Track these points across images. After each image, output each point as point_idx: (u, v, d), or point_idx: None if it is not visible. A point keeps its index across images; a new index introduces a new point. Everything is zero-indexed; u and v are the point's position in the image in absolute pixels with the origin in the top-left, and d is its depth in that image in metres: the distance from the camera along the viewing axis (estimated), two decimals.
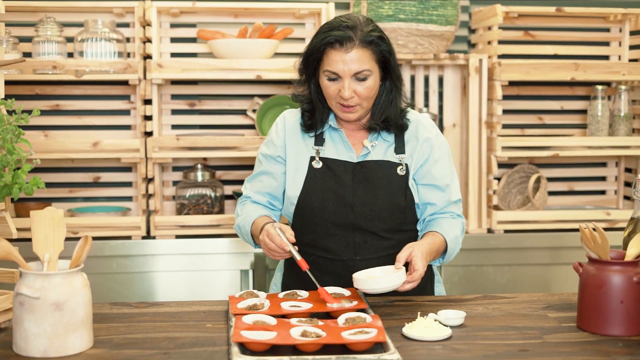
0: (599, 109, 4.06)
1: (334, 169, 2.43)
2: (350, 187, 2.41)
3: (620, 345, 1.98)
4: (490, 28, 3.94)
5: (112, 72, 3.67)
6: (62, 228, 1.94)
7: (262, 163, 2.53)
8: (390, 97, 2.46)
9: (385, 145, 2.48)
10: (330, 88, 2.37)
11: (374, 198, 2.40)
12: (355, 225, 2.40)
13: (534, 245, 3.87)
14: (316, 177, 2.43)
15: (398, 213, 2.43)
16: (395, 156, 2.46)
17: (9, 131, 1.98)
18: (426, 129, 2.52)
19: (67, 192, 4.05)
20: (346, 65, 2.32)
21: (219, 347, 1.93)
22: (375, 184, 2.41)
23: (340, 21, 2.35)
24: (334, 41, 2.32)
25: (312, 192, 2.42)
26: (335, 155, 2.46)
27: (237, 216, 2.54)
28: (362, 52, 2.33)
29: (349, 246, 2.39)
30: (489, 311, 2.28)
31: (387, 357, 1.80)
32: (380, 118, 2.45)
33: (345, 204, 2.40)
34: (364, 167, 2.43)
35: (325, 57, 2.35)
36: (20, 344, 1.85)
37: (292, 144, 2.49)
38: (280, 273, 2.65)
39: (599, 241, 2.11)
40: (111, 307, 2.29)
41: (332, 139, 2.48)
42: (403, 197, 2.43)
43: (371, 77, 2.36)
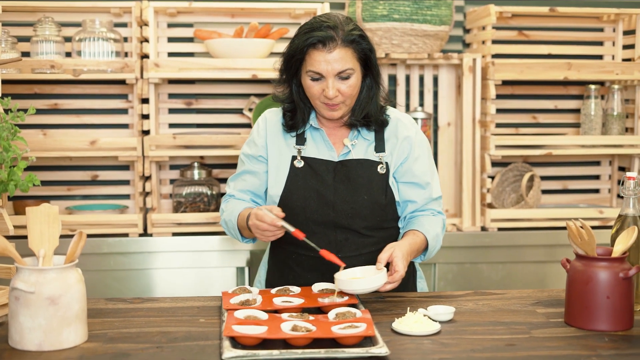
0: (592, 108, 4.09)
1: (315, 168, 2.46)
2: (332, 185, 2.44)
3: (606, 340, 2.01)
4: (484, 28, 3.98)
5: (109, 71, 3.70)
6: (57, 224, 1.98)
7: (245, 163, 2.56)
8: (370, 93, 2.49)
9: (365, 143, 2.51)
10: (313, 88, 2.40)
11: (355, 196, 2.43)
12: (336, 224, 2.43)
13: (527, 243, 3.91)
14: (298, 176, 2.46)
15: (379, 211, 2.46)
16: (375, 154, 2.49)
17: (5, 129, 2.01)
18: (406, 127, 2.56)
19: (66, 190, 4.08)
20: (329, 65, 2.35)
21: (211, 341, 1.96)
22: (356, 182, 2.44)
23: (320, 21, 2.38)
24: (317, 42, 2.34)
25: (294, 191, 2.45)
26: (316, 154, 2.49)
27: (222, 213, 2.57)
28: (344, 52, 2.36)
29: (331, 244, 2.42)
30: (478, 307, 2.31)
31: (375, 350, 1.83)
32: (361, 114, 2.48)
33: (326, 203, 2.43)
34: (344, 166, 2.46)
35: (308, 57, 2.37)
36: (16, 337, 1.89)
37: (274, 144, 2.52)
38: (264, 270, 2.67)
39: (585, 238, 2.14)
40: (106, 303, 2.32)
41: (313, 139, 2.52)
42: (384, 195, 2.46)
43: (354, 75, 2.40)
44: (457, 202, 4.09)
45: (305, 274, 2.46)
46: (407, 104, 4.21)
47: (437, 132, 4.16)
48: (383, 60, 3.94)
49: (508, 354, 1.90)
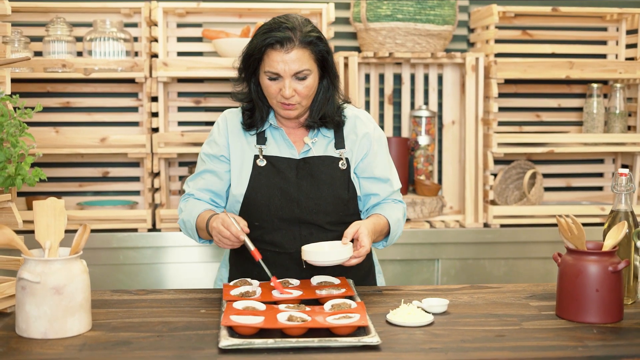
0: (594, 106, 4.13)
1: (277, 166, 2.49)
2: (295, 182, 2.48)
3: (594, 332, 2.05)
4: (487, 27, 4.02)
5: (119, 70, 3.78)
6: (63, 217, 2.04)
7: (205, 162, 2.57)
8: (327, 95, 2.53)
9: (325, 141, 2.55)
10: (271, 87, 2.43)
11: (318, 192, 2.48)
12: (300, 219, 2.47)
13: (529, 240, 3.95)
14: (261, 175, 2.48)
15: (341, 206, 2.51)
16: (335, 151, 2.54)
17: (13, 125, 2.08)
18: (364, 124, 2.60)
19: (77, 186, 4.16)
20: (287, 65, 2.38)
21: (210, 330, 2.02)
22: (318, 179, 2.48)
23: (279, 22, 2.40)
24: (275, 42, 2.37)
25: (257, 189, 2.47)
26: (277, 152, 2.52)
27: (181, 212, 2.56)
28: (301, 53, 2.39)
29: (295, 239, 2.46)
30: (473, 300, 2.35)
31: (367, 340, 1.89)
32: (317, 115, 2.52)
33: (291, 199, 2.47)
34: (307, 163, 2.50)
35: (265, 57, 2.40)
36: (22, 325, 1.96)
37: (235, 143, 2.54)
38: (225, 269, 2.69)
39: (575, 232, 2.18)
40: (111, 294, 2.38)
41: (273, 137, 2.54)
42: (346, 191, 2.51)
43: (310, 76, 2.43)
44: (461, 199, 4.14)
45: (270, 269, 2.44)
46: (412, 102, 4.26)
47: (442, 130, 4.21)
48: (387, 59, 3.99)
49: (497, 344, 1.94)
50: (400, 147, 4.05)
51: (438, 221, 4.01)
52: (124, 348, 1.89)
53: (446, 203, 4.16)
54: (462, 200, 4.11)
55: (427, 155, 4.15)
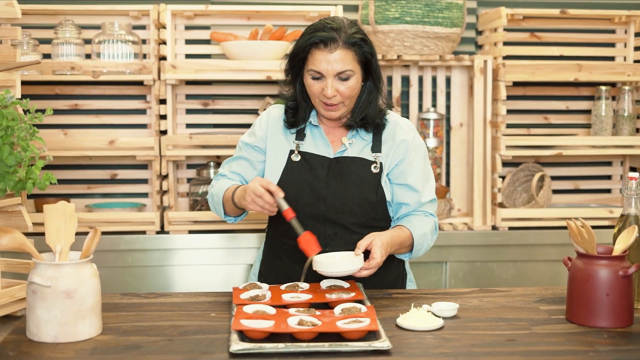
0: (602, 109, 4.12)
1: (311, 162, 2.53)
2: (324, 180, 2.50)
3: (604, 337, 2.05)
4: (495, 30, 4.02)
5: (128, 72, 3.79)
6: (74, 221, 2.05)
7: (242, 149, 2.64)
8: (370, 97, 2.55)
9: (363, 143, 2.57)
10: (314, 87, 2.47)
11: (345, 192, 2.49)
12: (326, 218, 2.49)
13: (538, 242, 3.95)
14: (293, 170, 2.53)
15: (368, 208, 2.52)
16: (371, 154, 2.55)
17: (23, 129, 2.08)
18: (403, 130, 2.61)
19: (86, 188, 4.17)
20: (329, 65, 2.42)
21: (220, 334, 2.03)
22: (348, 179, 2.50)
23: (325, 23, 2.45)
24: (319, 42, 2.42)
25: (288, 183, 2.51)
26: (313, 150, 2.56)
27: (212, 187, 2.64)
28: (345, 53, 2.43)
29: (320, 237, 2.45)
30: (482, 303, 2.35)
31: (377, 344, 1.89)
32: (359, 116, 2.54)
33: (318, 197, 2.49)
34: (339, 163, 2.52)
35: (310, 56, 2.45)
36: (33, 329, 1.96)
37: (274, 137, 2.60)
38: (258, 263, 2.75)
39: (585, 236, 2.18)
40: (121, 297, 2.39)
41: (312, 135, 2.59)
42: (374, 194, 2.52)
43: (353, 77, 2.46)
44: (469, 202, 4.14)
45: (293, 265, 2.51)
46: (420, 105, 4.26)
47: (450, 133, 4.21)
48: (395, 62, 3.99)
49: (507, 349, 1.94)
50: None
51: (446, 224, 4.00)
52: (134, 352, 1.89)
53: (454, 206, 4.16)
54: (470, 203, 4.11)
55: (435, 157, 4.15)
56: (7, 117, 2.04)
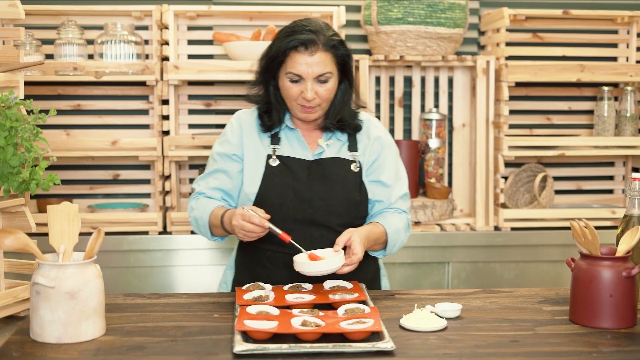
0: (605, 109, 4.12)
1: (290, 166, 2.50)
2: (307, 183, 2.49)
3: (608, 337, 2.05)
4: (498, 30, 4.02)
5: (130, 73, 3.79)
6: (77, 222, 2.05)
7: (217, 161, 2.58)
8: (345, 98, 2.56)
9: (339, 144, 2.58)
10: (292, 90, 2.45)
11: (330, 193, 2.49)
12: (312, 220, 2.48)
13: (540, 243, 3.95)
14: (274, 174, 2.49)
15: (353, 208, 2.53)
16: (349, 154, 2.56)
17: (27, 130, 2.08)
18: (377, 127, 2.64)
19: (88, 189, 4.17)
20: (310, 68, 2.40)
21: (224, 335, 2.03)
22: (331, 180, 2.50)
23: (302, 25, 2.44)
24: (299, 44, 2.40)
25: (270, 188, 2.48)
26: (291, 153, 2.53)
27: (192, 210, 2.56)
28: (324, 56, 2.42)
29: (306, 240, 2.44)
30: (486, 304, 2.35)
31: (381, 345, 1.89)
32: (335, 118, 2.54)
33: (303, 200, 2.48)
34: (319, 165, 2.52)
35: (288, 59, 2.42)
36: (37, 330, 1.96)
37: (249, 143, 2.55)
38: (230, 271, 2.70)
39: (589, 237, 2.18)
40: (125, 298, 2.39)
41: (287, 138, 2.56)
42: (358, 193, 2.53)
43: (332, 79, 2.46)
44: (471, 202, 4.13)
45: (278, 271, 2.49)
46: (423, 105, 4.26)
47: (452, 133, 4.21)
48: (398, 62, 3.99)
49: (511, 350, 1.94)
50: (411, 150, 4.05)
51: (448, 224, 4.00)
52: (138, 353, 1.89)
53: (457, 206, 4.16)
54: (472, 203, 4.10)
55: (438, 158, 4.15)
56: (11, 117, 2.05)
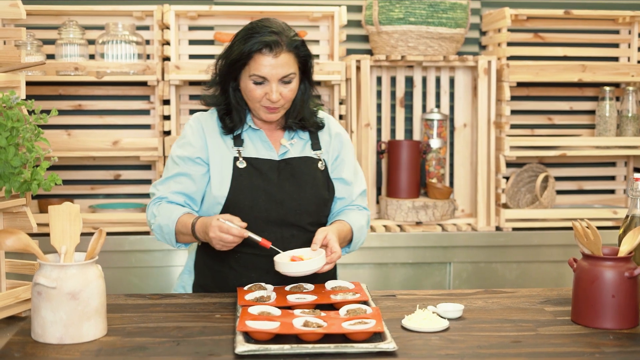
0: (606, 109, 4.12)
1: (259, 167, 2.48)
2: (277, 184, 2.47)
3: (610, 338, 2.05)
4: (499, 30, 4.02)
5: (131, 73, 3.79)
6: (79, 222, 2.05)
7: (179, 165, 2.51)
8: (304, 97, 2.55)
9: (302, 142, 2.57)
10: (255, 91, 2.41)
11: (301, 193, 2.48)
12: (283, 221, 2.47)
13: (542, 243, 3.95)
14: (242, 177, 2.46)
15: (322, 206, 2.54)
16: (312, 152, 2.56)
17: (28, 130, 2.08)
18: (335, 124, 2.66)
19: (89, 189, 4.17)
20: (275, 70, 2.38)
21: (225, 336, 2.02)
22: (300, 179, 2.49)
23: (263, 26, 2.40)
24: (263, 46, 2.37)
25: (240, 191, 2.45)
26: (256, 154, 2.51)
27: (154, 217, 2.49)
28: (288, 57, 2.40)
29: (277, 241, 2.42)
30: (488, 305, 2.35)
31: (383, 346, 1.89)
32: (296, 117, 2.54)
33: (274, 201, 2.46)
34: (288, 164, 2.51)
35: (252, 62, 2.39)
36: (38, 330, 1.96)
37: (214, 146, 2.51)
38: (189, 276, 2.65)
39: (591, 237, 2.18)
40: (126, 299, 2.39)
41: (251, 139, 2.53)
42: (327, 191, 2.54)
43: (295, 79, 2.44)
44: (473, 202, 4.13)
45: (247, 273, 2.48)
46: (424, 106, 4.26)
47: (453, 133, 4.21)
48: (399, 62, 3.99)
49: (513, 350, 1.94)
50: (412, 150, 4.05)
51: (450, 224, 4.00)
52: (140, 353, 1.89)
53: (458, 206, 4.16)
54: (474, 204, 4.10)
55: (439, 158, 4.15)
56: (12, 118, 2.04)
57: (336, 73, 3.87)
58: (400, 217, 4.01)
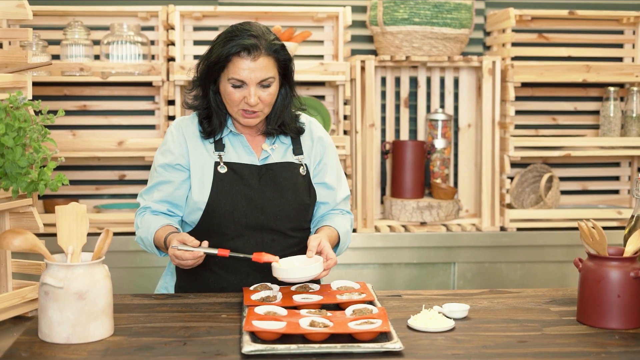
0: (611, 109, 4.12)
1: (239, 172, 2.47)
2: (258, 189, 2.47)
3: (616, 338, 2.05)
4: (504, 31, 4.02)
5: (136, 73, 3.80)
6: (85, 222, 2.05)
7: (161, 174, 2.51)
8: (285, 102, 2.53)
9: (283, 147, 2.56)
10: (234, 95, 2.40)
11: (281, 199, 2.48)
12: (264, 226, 2.47)
13: (546, 243, 3.95)
14: (223, 182, 2.46)
15: (303, 212, 2.53)
16: (294, 157, 2.55)
17: (35, 131, 2.09)
18: (318, 128, 2.64)
19: (94, 189, 4.18)
20: (253, 73, 2.37)
21: (232, 335, 2.02)
22: (281, 185, 2.49)
23: (243, 29, 2.39)
24: (241, 50, 2.35)
25: (221, 196, 2.45)
26: (237, 159, 2.50)
27: (137, 228, 2.52)
28: (267, 60, 2.39)
29: (257, 246, 2.44)
30: (493, 305, 2.35)
31: (389, 346, 1.89)
32: (276, 123, 2.52)
33: (255, 206, 2.46)
34: (269, 170, 2.50)
35: (230, 65, 2.38)
36: (45, 330, 1.97)
37: (194, 150, 2.50)
38: (171, 277, 2.65)
39: (597, 237, 2.18)
40: (132, 298, 2.39)
41: (232, 144, 2.52)
42: (308, 196, 2.54)
43: (274, 83, 2.43)
44: (477, 203, 4.14)
45: (228, 277, 2.48)
46: (428, 106, 4.26)
47: (458, 134, 4.22)
48: (404, 63, 4.00)
49: (519, 350, 1.94)
50: (417, 150, 4.05)
51: (454, 224, 4.00)
52: (146, 353, 1.89)
53: (462, 206, 4.16)
54: (478, 204, 4.11)
55: (443, 158, 4.15)
56: (19, 118, 2.05)
57: (341, 73, 3.87)
58: (404, 217, 4.01)
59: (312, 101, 3.98)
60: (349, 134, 3.99)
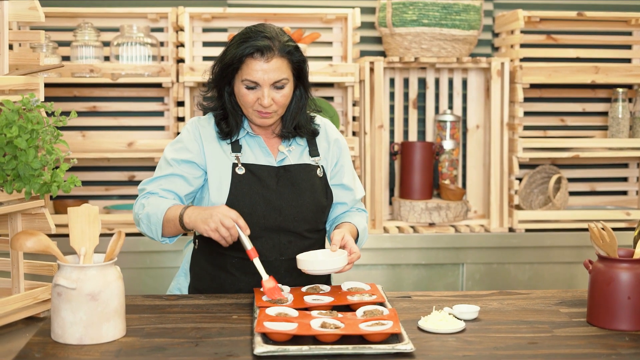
0: (619, 111, 4.12)
1: (257, 174, 2.48)
2: (276, 190, 2.47)
3: (626, 340, 2.05)
4: (512, 32, 4.02)
5: (146, 75, 3.81)
6: (97, 223, 2.06)
7: (173, 166, 2.48)
8: (300, 104, 2.54)
9: (300, 149, 2.56)
10: (248, 96, 2.41)
11: (300, 200, 2.48)
12: (281, 227, 2.47)
13: (554, 244, 3.95)
14: (242, 183, 2.46)
15: (320, 213, 2.54)
16: (311, 159, 2.56)
17: (48, 132, 2.10)
18: (333, 130, 2.65)
19: (103, 190, 4.19)
20: (266, 74, 2.37)
21: (243, 337, 2.03)
22: (299, 186, 2.49)
23: (257, 31, 2.40)
24: (255, 51, 2.36)
25: (239, 197, 2.45)
26: (254, 160, 2.50)
27: (142, 207, 2.43)
28: (281, 62, 2.39)
29: (274, 247, 2.45)
30: (503, 306, 2.35)
31: (401, 347, 1.89)
32: (291, 125, 2.53)
33: (273, 208, 2.46)
34: (287, 171, 2.50)
35: (244, 66, 2.39)
36: (58, 331, 1.98)
37: (211, 152, 2.51)
38: (185, 278, 2.65)
39: (607, 239, 2.18)
40: (143, 299, 2.40)
41: (249, 145, 2.53)
42: (325, 198, 2.55)
43: (288, 85, 2.43)
44: (485, 204, 4.14)
45: (245, 278, 2.49)
46: (437, 107, 4.27)
47: (466, 135, 4.22)
48: (412, 64, 4.00)
49: (530, 352, 1.94)
50: (425, 151, 4.06)
51: (463, 226, 4.01)
52: (159, 354, 1.90)
53: (471, 207, 4.17)
54: (487, 205, 4.11)
55: (452, 159, 4.16)
56: (32, 120, 2.06)
57: (349, 75, 3.88)
58: (413, 218, 4.02)
59: (321, 102, 3.99)
60: (358, 135, 4.00)
